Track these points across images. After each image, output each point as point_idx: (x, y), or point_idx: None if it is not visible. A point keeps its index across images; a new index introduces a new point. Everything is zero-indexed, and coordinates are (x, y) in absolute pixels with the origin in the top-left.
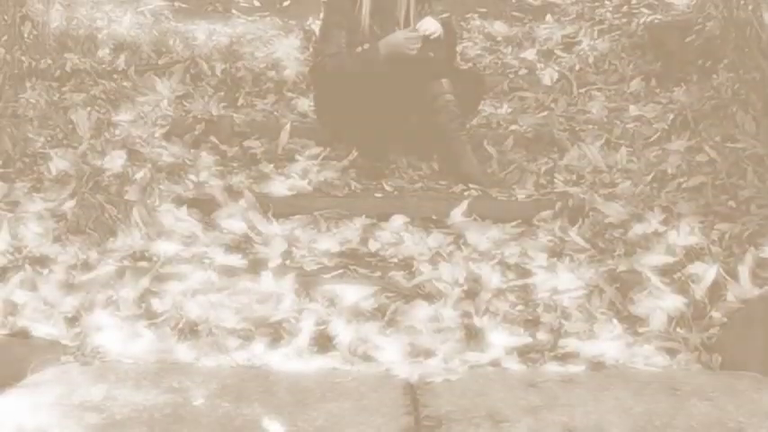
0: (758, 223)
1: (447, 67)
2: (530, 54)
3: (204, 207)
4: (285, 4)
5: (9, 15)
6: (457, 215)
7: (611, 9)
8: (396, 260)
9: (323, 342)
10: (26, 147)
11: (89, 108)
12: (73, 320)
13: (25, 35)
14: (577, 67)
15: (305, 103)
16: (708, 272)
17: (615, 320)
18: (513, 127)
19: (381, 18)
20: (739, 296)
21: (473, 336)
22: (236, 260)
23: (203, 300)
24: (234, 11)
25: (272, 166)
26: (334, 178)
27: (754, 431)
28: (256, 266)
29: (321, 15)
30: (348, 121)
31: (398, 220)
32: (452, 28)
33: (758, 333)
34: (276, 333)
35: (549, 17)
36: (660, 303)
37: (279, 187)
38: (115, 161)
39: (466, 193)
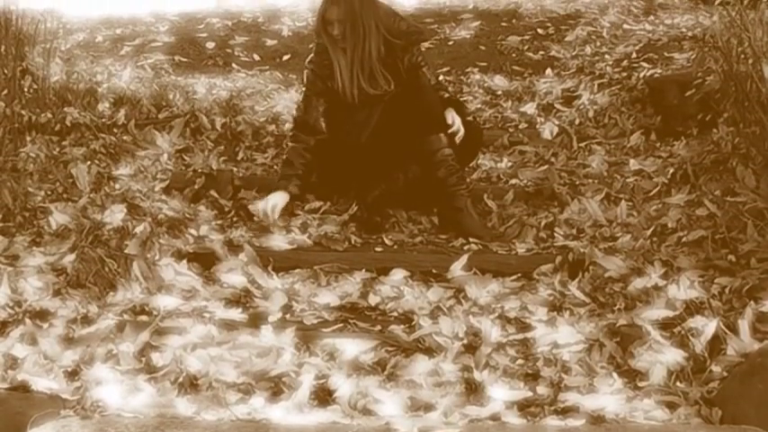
0: (758, 277)
1: (444, 121)
2: (530, 108)
3: (204, 261)
4: (285, 57)
5: (9, 69)
6: (457, 269)
7: (611, 63)
8: (396, 314)
9: (323, 396)
10: (26, 201)
11: (89, 162)
12: (73, 374)
13: (25, 89)
14: (577, 121)
15: None
16: (708, 326)
17: (615, 374)
18: (514, 181)
19: (370, 75)
20: (739, 350)
21: (473, 390)
22: (236, 314)
23: (203, 354)
24: (234, 65)
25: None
26: (335, 232)
27: None
28: (256, 320)
29: (304, 80)
30: (347, 175)
31: (398, 274)
32: (464, 109)
33: (758, 387)
34: (276, 387)
35: (549, 71)
36: (660, 357)
37: (279, 241)
38: (115, 215)
39: (466, 247)
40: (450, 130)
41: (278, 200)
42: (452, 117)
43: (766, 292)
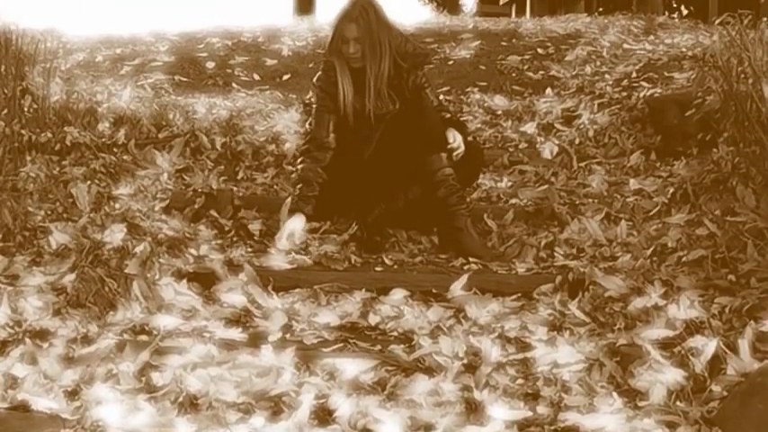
0: (758, 297)
1: (445, 140)
2: (530, 128)
3: (204, 281)
4: (285, 77)
5: (9, 89)
6: (457, 289)
7: (611, 83)
8: (396, 334)
9: (323, 416)
10: (26, 220)
11: (89, 182)
12: (73, 394)
13: (25, 109)
14: (577, 141)
15: None
16: (708, 345)
17: (615, 394)
18: (514, 200)
19: (379, 94)
20: (739, 370)
21: (473, 409)
22: (236, 334)
23: (203, 373)
24: (234, 84)
25: (272, 239)
26: (335, 252)
27: None
28: (256, 340)
29: (313, 98)
30: (347, 195)
31: (398, 294)
32: (465, 129)
33: (758, 407)
34: (276, 407)
35: (549, 91)
36: (660, 377)
37: (279, 261)
38: (115, 235)
39: (466, 267)
40: (449, 146)
41: (296, 224)
42: (453, 135)
43: (766, 311)
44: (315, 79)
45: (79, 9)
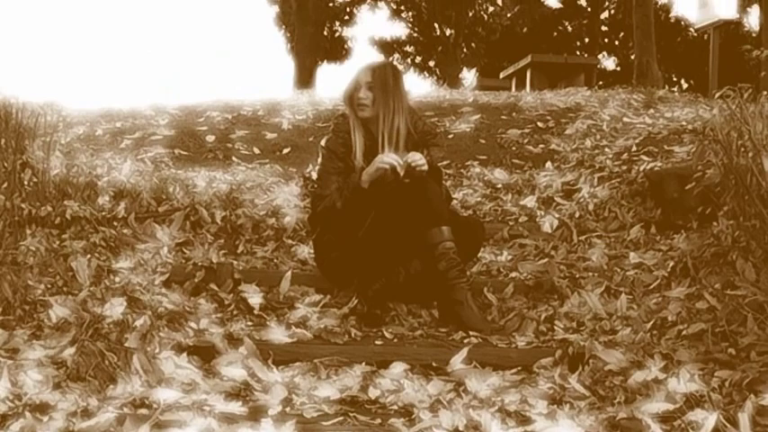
0: (758, 370)
1: (447, 214)
2: (530, 201)
3: (204, 354)
4: (285, 151)
5: (9, 162)
6: (457, 362)
7: (611, 156)
8: (396, 407)
9: None
10: (26, 294)
11: (89, 255)
12: None
13: (25, 182)
14: (577, 215)
15: (305, 251)
16: (708, 419)
17: None
18: (514, 274)
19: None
20: None
21: None
22: (236, 407)
23: None
24: (234, 158)
25: (272, 313)
26: (335, 325)
27: None
28: (256, 414)
29: (319, 160)
30: (348, 268)
31: (399, 368)
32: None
33: None
34: None
35: (549, 164)
36: None
37: (279, 334)
38: (115, 308)
39: (466, 341)
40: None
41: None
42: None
43: (766, 385)
44: (323, 142)
45: (79, 83)
